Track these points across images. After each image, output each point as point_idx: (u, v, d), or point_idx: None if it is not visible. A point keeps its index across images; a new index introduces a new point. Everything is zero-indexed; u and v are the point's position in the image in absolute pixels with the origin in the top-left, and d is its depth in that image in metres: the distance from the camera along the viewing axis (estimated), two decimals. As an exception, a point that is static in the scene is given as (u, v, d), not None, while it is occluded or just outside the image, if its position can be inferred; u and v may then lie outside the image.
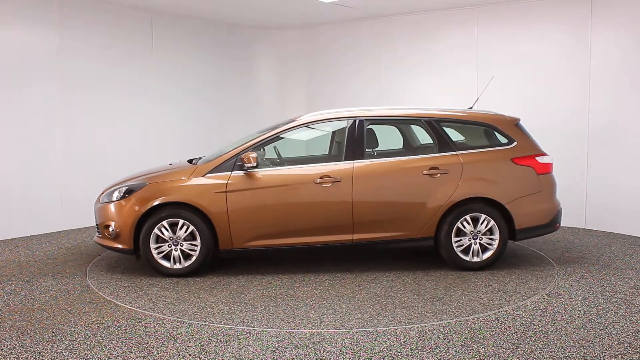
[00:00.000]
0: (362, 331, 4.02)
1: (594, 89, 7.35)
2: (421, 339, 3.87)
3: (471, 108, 6.23)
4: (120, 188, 5.53)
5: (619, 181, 7.20)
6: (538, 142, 5.80)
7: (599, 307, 4.49)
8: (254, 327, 4.13)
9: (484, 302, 4.60)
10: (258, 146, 5.52)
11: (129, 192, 5.44)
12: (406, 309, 4.49)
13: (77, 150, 7.69)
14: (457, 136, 5.85)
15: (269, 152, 5.96)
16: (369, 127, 5.67)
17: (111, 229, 5.43)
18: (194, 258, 5.36)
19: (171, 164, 6.18)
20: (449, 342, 3.83)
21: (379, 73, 9.17)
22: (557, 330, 4.01)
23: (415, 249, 5.84)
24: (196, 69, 9.19)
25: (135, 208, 5.33)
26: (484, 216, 5.44)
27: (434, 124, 5.64)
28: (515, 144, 5.61)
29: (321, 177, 5.38)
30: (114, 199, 5.50)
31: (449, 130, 5.69)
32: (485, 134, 5.79)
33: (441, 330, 4.04)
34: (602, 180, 7.37)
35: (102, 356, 3.61)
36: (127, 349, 3.73)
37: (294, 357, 3.60)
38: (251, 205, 5.35)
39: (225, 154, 5.52)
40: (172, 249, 5.37)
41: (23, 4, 7.09)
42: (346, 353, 3.65)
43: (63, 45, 7.48)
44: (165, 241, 5.36)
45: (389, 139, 6.54)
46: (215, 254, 5.45)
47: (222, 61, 9.60)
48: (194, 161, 5.85)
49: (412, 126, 6.20)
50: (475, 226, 5.46)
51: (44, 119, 7.34)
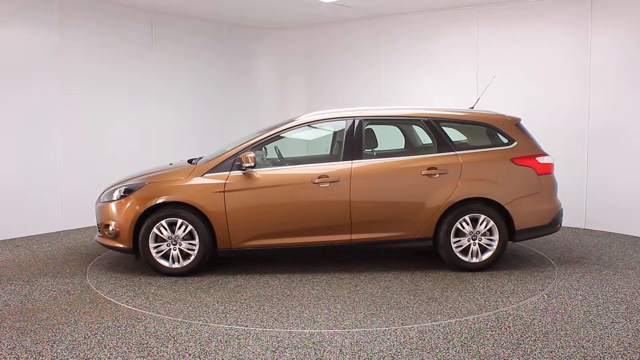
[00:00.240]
0: (362, 331, 4.02)
1: (594, 88, 7.35)
2: (421, 339, 3.87)
3: (472, 108, 6.22)
4: (120, 187, 5.55)
5: (619, 181, 7.20)
6: (539, 142, 5.79)
7: (599, 307, 4.49)
8: (247, 326, 4.13)
9: (480, 303, 4.59)
10: (256, 146, 5.53)
11: (128, 191, 5.46)
12: (401, 309, 4.48)
13: (77, 150, 7.69)
14: (458, 136, 5.84)
15: (271, 152, 5.96)
16: (367, 127, 5.67)
17: (111, 228, 5.45)
18: (193, 257, 5.37)
19: (171, 164, 6.20)
20: (449, 342, 3.83)
21: (379, 73, 9.17)
22: (557, 330, 4.01)
23: (416, 250, 5.83)
24: (196, 69, 9.19)
25: (134, 207, 5.35)
26: (483, 217, 5.42)
27: (433, 124, 5.63)
28: (516, 144, 5.58)
29: (319, 177, 5.38)
30: (113, 198, 5.52)
31: (449, 130, 5.67)
32: (485, 134, 5.77)
33: (441, 330, 4.04)
34: (602, 180, 7.37)
35: (102, 356, 3.61)
36: (127, 349, 3.73)
37: (294, 357, 3.60)
38: (249, 205, 5.35)
39: (224, 154, 5.53)
40: (170, 249, 5.38)
41: (23, 4, 7.09)
42: (346, 353, 3.65)
43: (63, 45, 7.48)
44: (164, 240, 5.37)
45: (390, 139, 6.53)
46: (214, 254, 5.46)
47: (222, 61, 9.60)
48: (193, 161, 5.85)
49: (414, 126, 6.19)
50: (474, 227, 5.44)
51: (44, 119, 7.34)
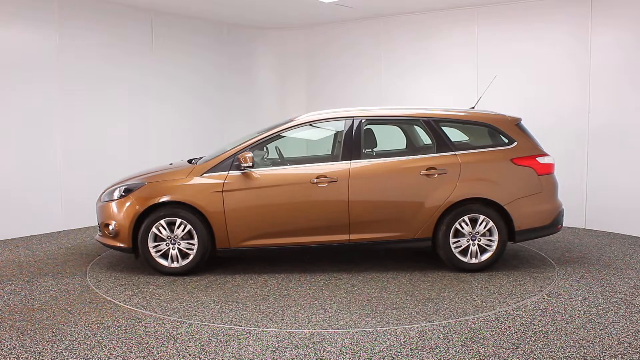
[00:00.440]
0: (362, 331, 4.02)
1: (594, 88, 7.35)
2: (421, 339, 3.87)
3: (473, 108, 6.21)
4: (120, 187, 5.57)
5: (619, 181, 7.20)
6: (539, 142, 5.76)
7: (599, 307, 4.49)
8: (242, 325, 4.14)
9: (477, 304, 4.57)
10: (255, 146, 5.53)
11: (128, 191, 5.48)
12: (396, 310, 4.47)
13: (77, 150, 7.69)
14: (459, 137, 5.82)
15: (272, 152, 5.96)
16: (367, 127, 5.66)
17: (111, 228, 5.46)
18: (191, 257, 5.38)
19: (171, 164, 6.21)
20: (449, 342, 3.82)
21: (379, 73, 9.17)
22: (557, 330, 4.01)
23: (416, 250, 5.82)
24: (196, 69, 9.19)
25: (133, 207, 5.36)
26: (482, 217, 5.39)
27: (432, 124, 5.60)
28: (516, 144, 5.55)
29: (317, 177, 5.37)
30: (114, 198, 5.54)
31: (449, 130, 5.64)
32: (485, 134, 5.75)
33: (441, 330, 4.04)
34: (602, 180, 7.36)
35: (102, 356, 3.61)
36: (127, 349, 3.73)
37: (294, 357, 3.60)
38: (248, 205, 5.35)
39: (223, 154, 5.53)
40: (169, 248, 5.39)
41: (23, 4, 7.09)
42: (346, 353, 3.65)
43: (63, 45, 7.47)
44: (163, 240, 5.38)
45: (392, 139, 6.52)
46: (213, 253, 5.46)
47: (222, 61, 9.60)
48: (193, 161, 5.85)
49: (415, 126, 6.17)
50: (473, 227, 5.42)
51: (44, 119, 7.34)
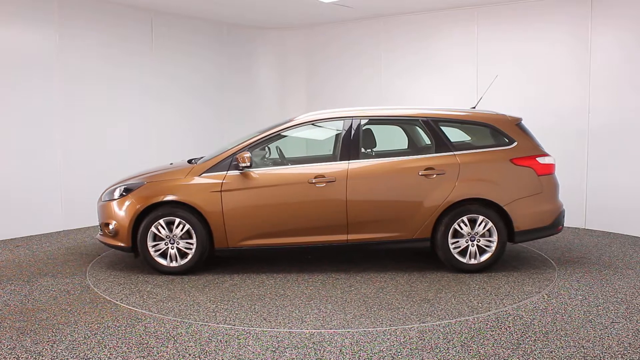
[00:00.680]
0: (362, 331, 4.02)
1: (594, 88, 7.35)
2: (421, 339, 3.87)
3: (474, 108, 6.20)
4: (120, 187, 5.60)
5: (619, 181, 7.19)
6: (540, 143, 5.73)
7: (599, 307, 4.49)
8: (235, 325, 4.15)
9: (473, 305, 4.55)
10: (253, 146, 5.53)
11: (128, 190, 5.51)
12: (391, 310, 4.46)
13: (77, 150, 7.69)
14: (458, 137, 5.81)
15: (273, 152, 5.96)
16: (366, 127, 5.65)
17: (111, 227, 5.48)
18: (190, 256, 5.40)
19: (172, 164, 6.21)
20: (449, 342, 3.82)
21: (379, 73, 9.17)
22: (557, 330, 4.01)
23: (416, 250, 5.81)
24: (196, 68, 9.19)
25: (133, 207, 5.38)
26: (481, 217, 5.36)
27: (431, 124, 5.58)
28: (516, 144, 5.52)
29: (316, 177, 5.37)
30: (114, 197, 5.56)
31: (448, 130, 5.62)
32: (485, 134, 5.73)
33: (441, 330, 4.04)
34: (602, 180, 7.36)
35: (102, 356, 3.61)
36: (127, 349, 3.73)
37: (294, 357, 3.60)
38: (246, 204, 5.36)
39: (221, 153, 5.54)
40: (168, 247, 5.41)
41: (23, 4, 7.09)
42: (346, 353, 3.65)
43: (63, 45, 7.47)
44: (162, 239, 5.40)
45: (393, 139, 6.52)
46: (212, 253, 5.47)
47: (222, 61, 9.60)
48: (193, 161, 5.86)
49: (416, 127, 6.15)
50: (472, 228, 5.39)
51: (44, 119, 7.34)
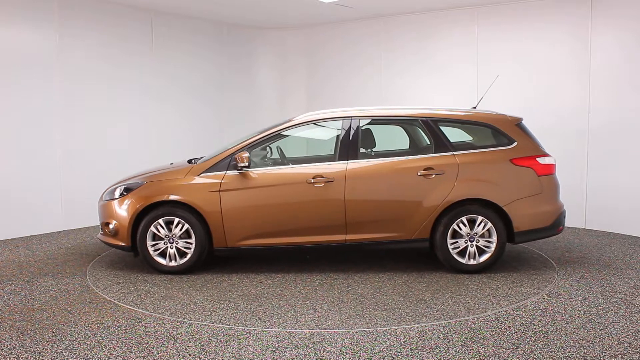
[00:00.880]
0: (363, 331, 4.02)
1: (594, 88, 7.35)
2: (421, 339, 3.87)
3: (475, 108, 6.19)
4: (120, 186, 5.62)
5: (619, 181, 7.19)
6: (541, 143, 5.70)
7: (599, 307, 4.49)
8: (230, 324, 4.15)
9: (469, 306, 4.54)
10: (252, 146, 5.53)
11: (127, 190, 5.53)
12: (386, 310, 4.45)
13: (77, 150, 7.69)
14: (459, 137, 5.80)
15: (274, 152, 5.96)
16: (365, 127, 5.64)
17: (111, 227, 5.51)
18: (189, 256, 5.41)
19: (172, 163, 6.22)
20: (449, 342, 3.82)
21: (379, 73, 9.17)
22: (557, 330, 4.01)
23: (417, 251, 5.81)
24: (196, 68, 9.19)
25: (132, 206, 5.40)
26: (481, 218, 5.34)
27: (430, 124, 5.56)
28: (516, 144, 5.49)
29: (314, 177, 5.36)
30: (114, 197, 5.59)
31: (448, 130, 5.60)
32: (486, 134, 5.71)
33: (441, 330, 4.04)
34: (602, 180, 7.36)
35: (102, 356, 3.61)
36: (127, 349, 3.73)
37: (294, 357, 3.60)
38: (244, 204, 5.36)
39: (220, 153, 5.55)
40: (167, 247, 5.42)
41: (23, 4, 7.09)
42: (346, 353, 3.65)
43: (63, 45, 7.47)
44: (161, 239, 5.42)
45: (394, 139, 6.51)
46: (211, 252, 5.48)
47: (222, 61, 9.59)
48: (193, 161, 5.86)
49: (416, 127, 6.14)
50: (472, 228, 5.37)
51: (44, 118, 7.34)
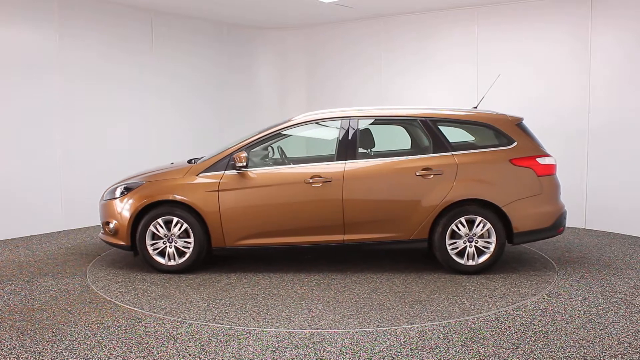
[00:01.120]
0: (363, 331, 4.03)
1: (594, 88, 7.35)
2: (421, 339, 3.87)
3: (476, 107, 6.18)
4: (120, 186, 5.65)
5: (619, 181, 7.19)
6: (541, 143, 5.67)
7: (599, 307, 4.49)
8: (224, 324, 4.17)
9: (465, 307, 4.52)
10: (251, 146, 5.53)
11: (127, 190, 5.55)
12: (381, 311, 4.44)
13: (77, 150, 7.69)
14: (459, 137, 5.79)
15: (275, 152, 5.96)
16: (364, 127, 5.64)
17: (111, 226, 5.53)
18: (188, 255, 5.43)
19: (172, 163, 6.23)
20: (449, 342, 3.82)
21: (378, 72, 9.17)
22: (557, 330, 4.01)
23: (417, 251, 5.80)
24: (196, 68, 9.19)
25: (132, 206, 5.42)
26: (479, 218, 5.30)
27: (429, 124, 5.55)
28: (515, 144, 5.46)
29: (312, 177, 5.36)
30: (114, 196, 5.61)
31: (447, 130, 5.58)
32: (485, 134, 5.69)
33: (441, 330, 4.04)
34: (602, 180, 7.36)
35: (102, 356, 3.61)
36: (127, 349, 3.73)
37: (294, 357, 3.60)
38: (243, 204, 5.37)
39: (219, 153, 5.57)
40: (167, 246, 5.43)
41: (23, 4, 7.09)
42: (346, 353, 3.65)
43: (63, 45, 7.47)
44: (160, 238, 5.44)
45: (395, 139, 6.50)
46: (209, 252, 5.49)
47: (222, 60, 9.60)
48: (193, 161, 5.87)
49: (416, 127, 6.12)
50: (470, 229, 5.34)
51: (44, 118, 7.34)
